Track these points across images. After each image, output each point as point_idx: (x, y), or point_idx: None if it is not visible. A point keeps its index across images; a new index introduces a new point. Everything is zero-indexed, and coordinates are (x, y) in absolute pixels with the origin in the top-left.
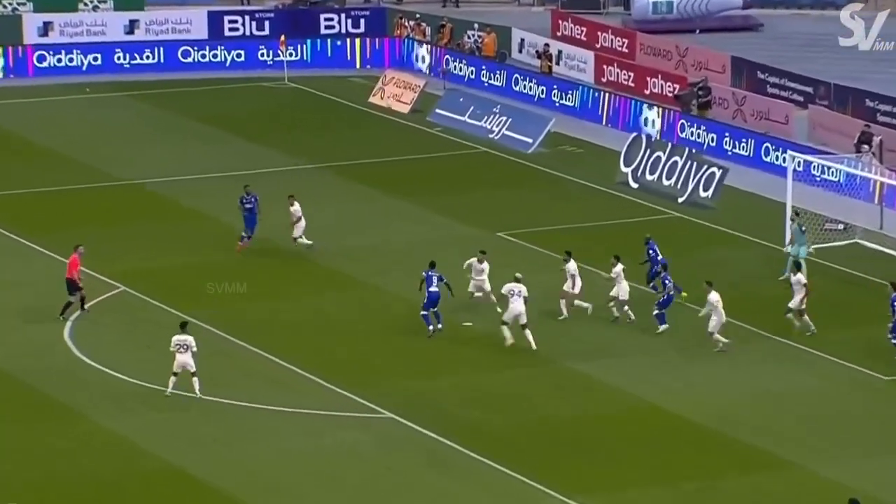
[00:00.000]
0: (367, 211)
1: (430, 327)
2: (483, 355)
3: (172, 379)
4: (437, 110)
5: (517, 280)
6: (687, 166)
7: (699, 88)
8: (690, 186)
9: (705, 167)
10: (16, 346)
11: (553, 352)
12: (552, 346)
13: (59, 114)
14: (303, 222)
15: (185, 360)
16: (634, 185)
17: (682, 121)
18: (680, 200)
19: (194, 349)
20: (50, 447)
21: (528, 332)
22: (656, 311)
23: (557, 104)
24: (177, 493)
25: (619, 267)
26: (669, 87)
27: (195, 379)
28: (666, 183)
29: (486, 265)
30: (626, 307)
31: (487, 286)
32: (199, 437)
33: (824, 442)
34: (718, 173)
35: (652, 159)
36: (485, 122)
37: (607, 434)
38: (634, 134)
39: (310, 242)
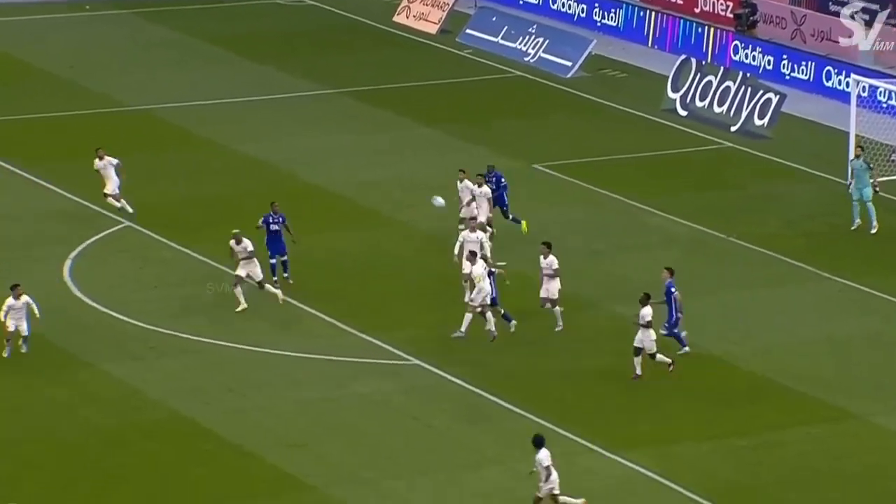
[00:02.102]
0: (391, 140)
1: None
2: (517, 298)
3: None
4: (468, 30)
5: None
6: (741, 92)
7: (743, 5)
8: (744, 114)
9: (761, 93)
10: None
11: (594, 294)
12: (593, 289)
13: (56, 34)
14: (116, 179)
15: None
16: (683, 113)
17: (736, 42)
18: (733, 129)
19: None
20: (47, 397)
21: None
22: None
23: (599, 24)
24: (186, 446)
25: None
26: (721, 4)
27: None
28: (717, 110)
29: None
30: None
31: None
32: (209, 385)
33: (887, 391)
34: (775, 99)
35: (702, 84)
36: (519, 44)
37: (653, 385)
38: (683, 56)
39: (120, 206)
